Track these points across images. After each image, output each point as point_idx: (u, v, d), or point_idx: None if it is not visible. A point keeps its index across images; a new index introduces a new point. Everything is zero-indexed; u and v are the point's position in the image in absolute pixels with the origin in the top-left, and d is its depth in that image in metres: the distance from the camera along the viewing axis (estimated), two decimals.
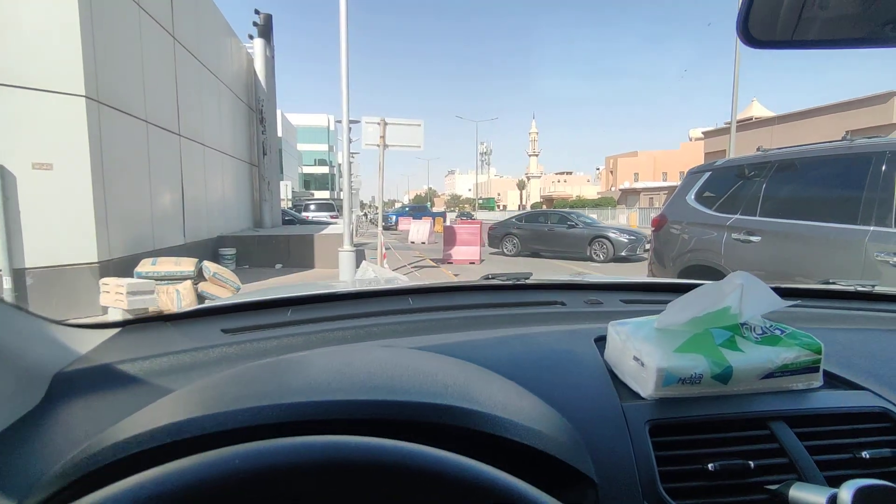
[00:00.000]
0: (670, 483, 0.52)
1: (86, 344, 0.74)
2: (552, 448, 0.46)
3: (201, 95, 9.47)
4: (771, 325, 0.68)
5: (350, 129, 8.93)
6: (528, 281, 1.15)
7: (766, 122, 25.27)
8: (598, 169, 77.97)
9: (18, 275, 4.81)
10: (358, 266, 8.48)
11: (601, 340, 0.76)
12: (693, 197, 4.37)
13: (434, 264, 11.11)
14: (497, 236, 13.98)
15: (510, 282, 1.14)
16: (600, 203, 47.97)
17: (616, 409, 0.59)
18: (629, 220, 32.58)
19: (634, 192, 45.82)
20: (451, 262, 11.47)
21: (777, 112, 26.10)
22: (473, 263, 11.58)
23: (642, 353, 0.63)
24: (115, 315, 3.63)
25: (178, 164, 8.15)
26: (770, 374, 0.63)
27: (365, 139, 8.80)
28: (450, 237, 12.06)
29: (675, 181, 45.14)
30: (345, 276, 8.15)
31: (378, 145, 8.75)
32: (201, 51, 9.35)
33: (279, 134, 20.19)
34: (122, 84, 6.19)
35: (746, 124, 25.45)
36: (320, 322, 0.89)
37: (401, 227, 24.08)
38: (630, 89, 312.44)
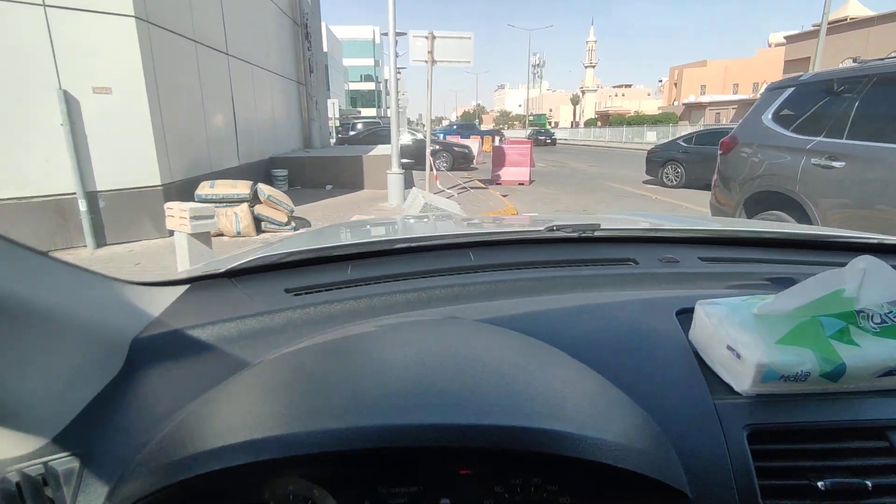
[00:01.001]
0: (771, 499, 0.48)
1: (156, 305, 0.76)
2: (646, 467, 0.43)
3: (246, 11, 9.20)
4: (893, 312, 0.59)
5: (396, 42, 8.53)
6: (595, 234, 1.07)
7: (863, 24, 22.00)
8: (660, 81, 72.18)
9: (91, 198, 5.10)
10: (406, 189, 8.48)
11: (683, 314, 0.70)
12: (770, 116, 3.96)
13: (482, 185, 10.93)
14: (657, 161, 11.42)
15: (576, 234, 1.07)
16: (660, 119, 44.60)
17: (708, 407, 0.54)
18: None
19: (699, 107, 42.34)
20: (500, 184, 11.27)
21: (878, 10, 22.48)
22: (522, 184, 11.33)
23: (739, 343, 0.56)
24: (180, 239, 3.82)
25: (228, 85, 8.13)
26: (891, 372, 0.55)
27: (412, 55, 8.40)
28: (499, 158, 11.76)
29: (746, 94, 41.30)
30: (393, 198, 8.19)
31: (426, 61, 8.35)
32: None
33: (325, 49, 19.64)
34: (168, 2, 6.07)
35: (838, 26, 22.29)
36: (381, 282, 0.87)
37: None
38: None
